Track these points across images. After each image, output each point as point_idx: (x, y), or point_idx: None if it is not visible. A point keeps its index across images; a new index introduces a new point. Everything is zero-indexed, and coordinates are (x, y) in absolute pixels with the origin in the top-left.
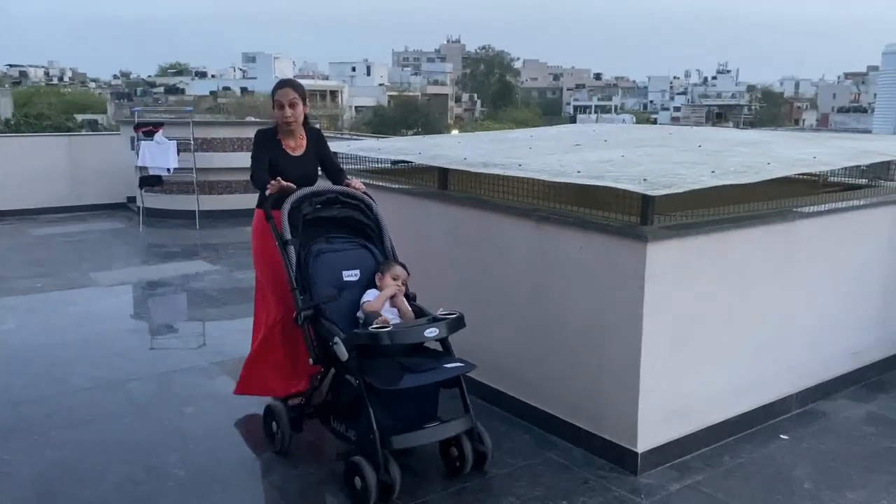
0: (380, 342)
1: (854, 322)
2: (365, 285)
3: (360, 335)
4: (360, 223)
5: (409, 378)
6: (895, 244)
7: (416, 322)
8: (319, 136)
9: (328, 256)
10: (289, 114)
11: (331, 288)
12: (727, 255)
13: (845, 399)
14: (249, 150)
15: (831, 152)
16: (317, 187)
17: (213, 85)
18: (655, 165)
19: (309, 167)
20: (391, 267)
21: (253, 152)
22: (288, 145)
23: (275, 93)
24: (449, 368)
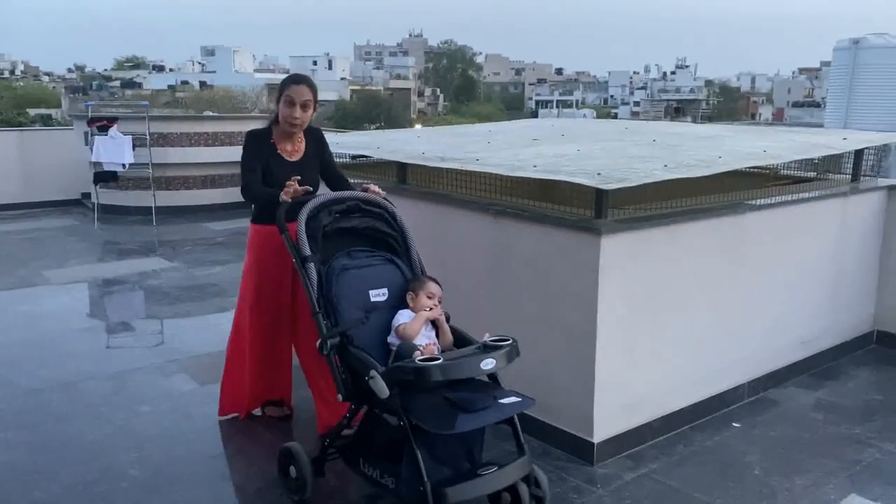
0: (429, 378)
1: (804, 312)
2: (394, 306)
3: (405, 368)
4: (383, 234)
5: (464, 420)
6: (843, 235)
7: (465, 351)
8: (320, 138)
9: (352, 274)
10: (297, 115)
11: (357, 310)
12: (680, 248)
13: (795, 387)
14: (207, 145)
15: (781, 146)
16: (336, 194)
17: (172, 79)
18: (610, 160)
19: (307, 174)
20: (425, 284)
21: (243, 159)
22: (284, 149)
23: (286, 87)
24: (507, 405)
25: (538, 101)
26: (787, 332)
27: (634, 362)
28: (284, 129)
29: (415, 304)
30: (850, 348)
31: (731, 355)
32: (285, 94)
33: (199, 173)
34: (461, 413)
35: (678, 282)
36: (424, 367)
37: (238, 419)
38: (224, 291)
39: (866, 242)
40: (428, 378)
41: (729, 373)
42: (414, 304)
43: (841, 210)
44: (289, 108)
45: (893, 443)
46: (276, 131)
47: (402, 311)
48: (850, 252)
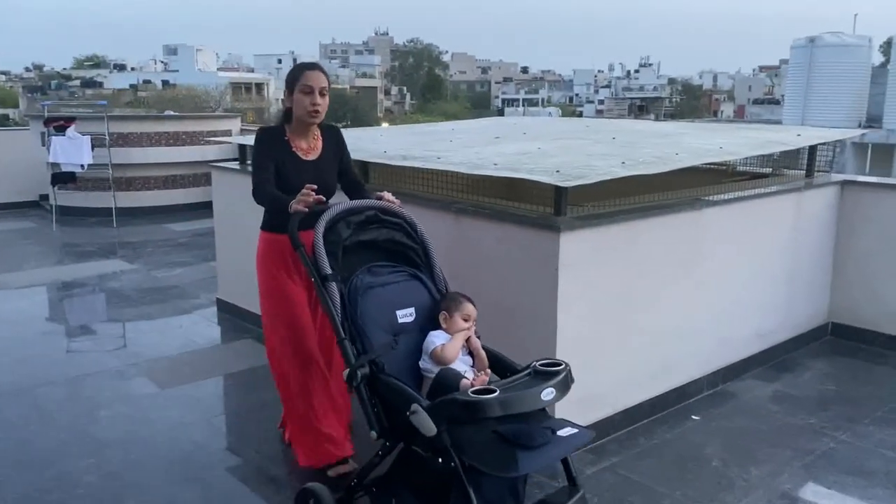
0: (486, 414)
1: (760, 305)
2: (422, 327)
3: (457, 402)
4: (403, 247)
5: (526, 459)
6: (798, 230)
7: (519, 380)
8: (339, 137)
9: (377, 293)
10: (318, 102)
11: (385, 333)
12: (638, 243)
13: (753, 379)
14: (168, 144)
15: (737, 142)
16: (353, 203)
17: (133, 78)
18: (569, 157)
19: (327, 175)
20: (461, 304)
21: (254, 157)
22: (299, 146)
23: (299, 76)
24: (567, 439)
25: (504, 99)
26: (745, 325)
27: (595, 357)
28: (303, 120)
29: (449, 326)
30: (805, 340)
31: (689, 349)
32: (300, 83)
33: (161, 174)
34: (519, 451)
35: (637, 277)
36: (481, 401)
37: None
38: (186, 293)
39: (820, 236)
40: (484, 414)
41: (688, 366)
42: (448, 325)
43: (796, 205)
44: (308, 95)
45: (847, 432)
46: (290, 129)
47: (435, 333)
48: (805, 246)
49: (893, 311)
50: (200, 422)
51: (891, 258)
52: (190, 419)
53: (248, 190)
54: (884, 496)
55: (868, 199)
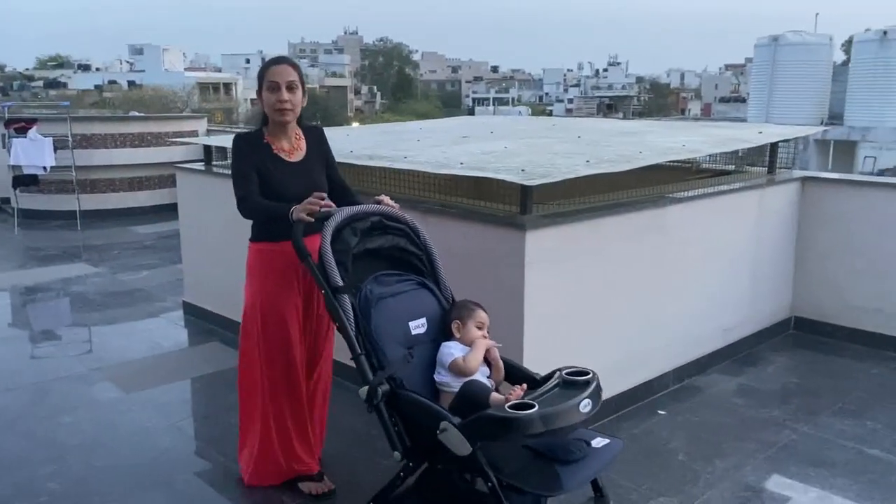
0: (527, 431)
1: (725, 300)
2: (433, 338)
3: (495, 419)
4: (408, 254)
5: (568, 475)
6: (761, 226)
7: (550, 391)
8: (321, 137)
9: (389, 304)
10: (286, 97)
11: (399, 346)
12: (603, 241)
13: (718, 373)
14: (133, 146)
15: (700, 140)
16: (357, 208)
17: (98, 78)
18: (535, 156)
19: (316, 177)
20: (474, 312)
21: (235, 168)
22: (281, 148)
23: (265, 73)
24: (602, 451)
25: (475, 98)
26: (710, 320)
27: (561, 354)
28: (275, 120)
29: (463, 336)
30: (769, 335)
31: (656, 344)
32: (266, 80)
33: (126, 175)
34: (559, 466)
35: (603, 274)
36: (522, 418)
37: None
38: (152, 296)
39: (782, 232)
40: (525, 431)
41: (655, 362)
42: (462, 334)
43: (758, 202)
44: (273, 92)
45: (808, 424)
46: (268, 131)
47: (450, 344)
48: (768, 242)
49: (854, 304)
50: (166, 426)
51: (851, 253)
52: (156, 424)
53: (213, 190)
54: (843, 485)
55: (828, 196)
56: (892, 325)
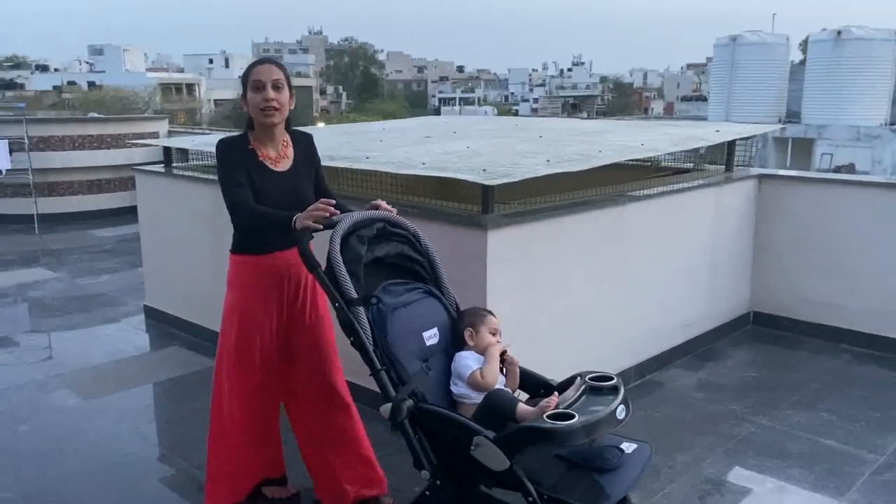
0: (571, 441)
1: (685, 297)
2: (445, 348)
3: (538, 431)
4: (411, 261)
5: (611, 484)
6: (719, 223)
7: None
8: (310, 144)
9: (401, 314)
10: (271, 96)
11: (415, 359)
12: (564, 240)
13: (678, 369)
14: (92, 148)
15: (658, 139)
16: (361, 215)
17: (57, 79)
18: (496, 156)
19: (304, 187)
20: (485, 318)
21: (223, 173)
22: (266, 155)
23: (249, 73)
24: (635, 455)
25: (441, 98)
26: (670, 316)
27: (524, 351)
28: (261, 122)
29: (477, 343)
30: (728, 329)
31: (617, 341)
32: (250, 80)
33: (85, 178)
34: (597, 476)
35: (564, 272)
36: (565, 429)
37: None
38: (113, 301)
39: (740, 229)
40: (568, 442)
41: (617, 358)
42: (476, 342)
43: (716, 199)
44: (258, 91)
45: (766, 416)
46: (253, 136)
47: (465, 354)
48: (726, 238)
49: (810, 299)
50: (128, 432)
51: (807, 248)
52: (116, 430)
53: (173, 193)
54: (799, 476)
55: (784, 192)
56: (847, 319)
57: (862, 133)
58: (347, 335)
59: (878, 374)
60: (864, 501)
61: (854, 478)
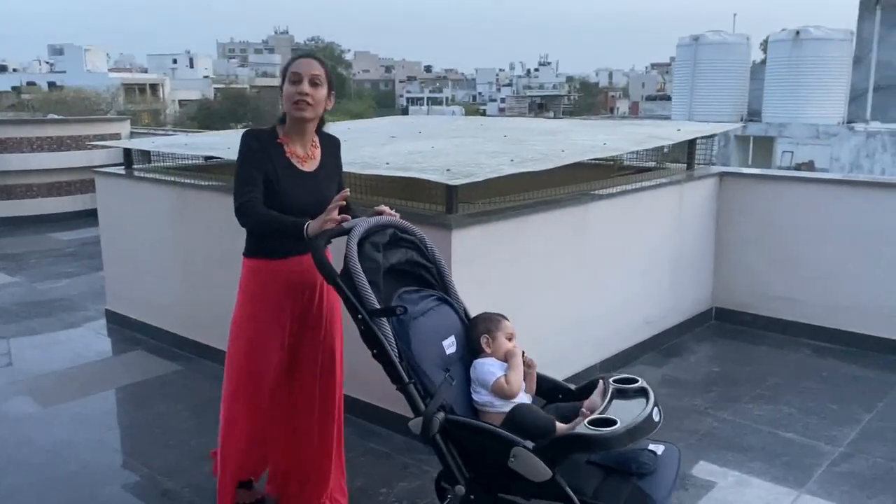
0: (616, 447)
1: (648, 294)
2: (462, 356)
3: (581, 439)
4: (419, 267)
5: (654, 489)
6: (681, 220)
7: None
8: (337, 148)
9: (421, 323)
10: (307, 90)
11: (438, 370)
12: (529, 238)
13: (643, 364)
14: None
15: (620, 138)
16: (373, 220)
17: (16, 80)
18: (460, 156)
19: (327, 192)
20: (499, 322)
21: (240, 168)
22: (293, 152)
23: (290, 64)
24: (668, 457)
25: (409, 98)
26: (634, 313)
27: None
28: (292, 114)
29: (494, 350)
30: (691, 325)
31: (583, 338)
32: (289, 72)
33: (44, 180)
34: (637, 481)
35: (529, 271)
36: (610, 436)
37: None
38: (73, 305)
39: (702, 226)
40: (613, 448)
41: (582, 355)
42: (493, 349)
43: (677, 197)
44: (294, 84)
45: (728, 411)
46: (283, 130)
47: (486, 361)
48: (688, 236)
49: (771, 294)
50: (88, 439)
51: (767, 245)
52: (76, 437)
53: (135, 195)
54: (760, 469)
55: (744, 189)
56: (806, 314)
57: (820, 131)
58: (371, 347)
59: (836, 368)
60: (822, 492)
61: (812, 469)
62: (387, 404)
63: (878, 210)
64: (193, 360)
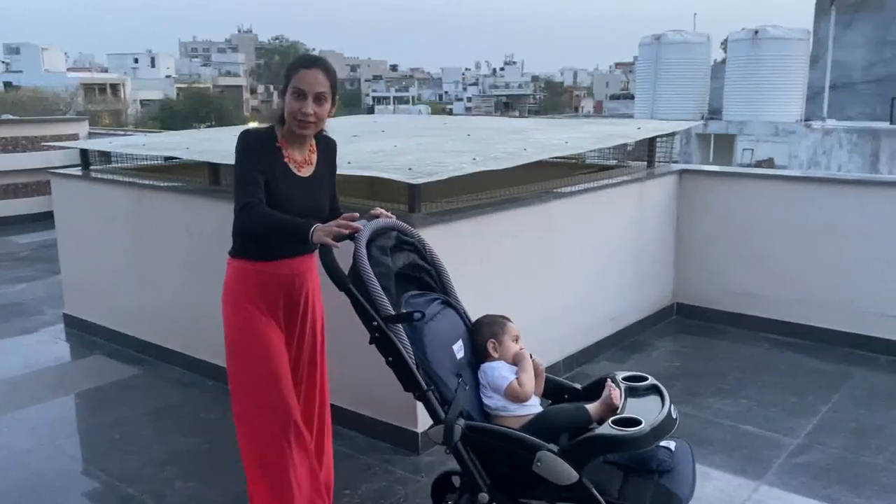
0: (642, 447)
1: (611, 290)
2: (469, 360)
3: (608, 440)
4: (420, 270)
5: (677, 485)
6: (642, 218)
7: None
8: (334, 152)
9: (432, 328)
10: (310, 111)
11: (452, 375)
12: (492, 236)
13: (606, 361)
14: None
15: (582, 137)
16: (377, 223)
17: None
18: (423, 154)
19: (322, 197)
20: (504, 325)
21: (240, 168)
22: (292, 158)
23: (293, 74)
24: (682, 451)
25: (375, 97)
26: (597, 310)
27: None
28: (293, 130)
29: (502, 353)
30: (653, 321)
31: (546, 336)
32: (292, 84)
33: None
34: (658, 478)
35: (492, 269)
36: (636, 434)
37: None
38: (30, 310)
39: (663, 223)
40: (640, 447)
41: (546, 352)
42: (500, 352)
43: (638, 194)
44: (298, 100)
45: (689, 405)
46: (282, 132)
47: (495, 365)
48: (649, 233)
49: (730, 289)
50: (45, 446)
51: (726, 240)
52: (31, 445)
53: (92, 197)
54: (720, 462)
55: (703, 187)
56: (766, 308)
57: (779, 129)
58: (386, 355)
59: (794, 360)
60: (780, 483)
61: (771, 461)
62: (349, 405)
63: (833, 206)
64: (153, 364)
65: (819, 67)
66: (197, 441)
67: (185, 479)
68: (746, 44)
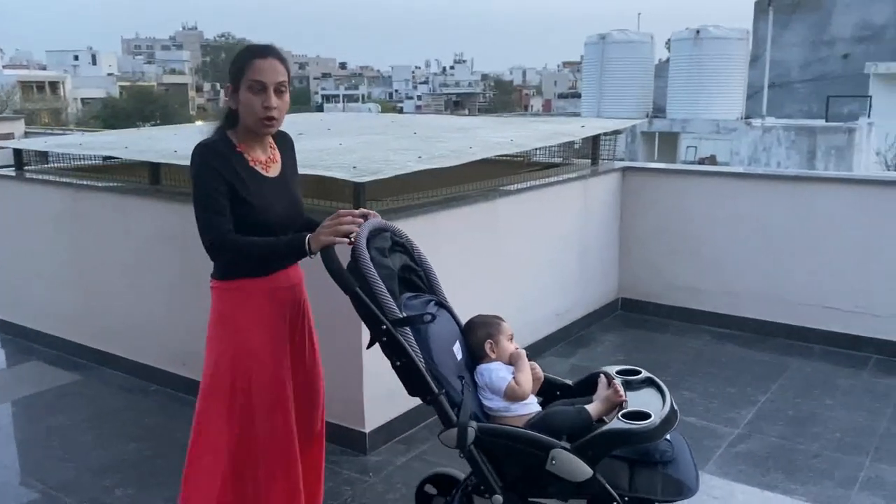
0: (653, 440)
1: (557, 287)
2: (465, 361)
3: (619, 435)
4: (410, 271)
5: (684, 475)
6: (586, 214)
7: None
8: (292, 147)
9: (433, 330)
10: (274, 104)
11: (456, 377)
12: (439, 235)
13: (553, 356)
14: None
15: (527, 135)
16: (373, 223)
17: None
18: (369, 153)
19: (294, 194)
20: (498, 325)
21: (202, 193)
22: (257, 160)
23: (247, 66)
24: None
25: (324, 95)
26: (543, 306)
27: None
28: (256, 130)
29: (499, 353)
30: (598, 316)
31: None
32: (246, 76)
33: None
34: (664, 469)
35: (439, 267)
36: (647, 427)
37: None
38: None
39: (607, 219)
40: (651, 440)
41: None
42: (497, 352)
43: (583, 191)
44: (259, 95)
45: None
46: (238, 137)
47: (491, 367)
48: (594, 229)
49: (673, 284)
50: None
51: (668, 236)
52: None
53: (27, 198)
54: None
55: (646, 184)
56: (707, 302)
57: (721, 126)
58: (394, 359)
59: (734, 352)
60: (720, 472)
61: (711, 451)
62: None
63: (771, 201)
64: (93, 370)
65: (758, 66)
66: (139, 447)
67: (126, 486)
68: (689, 43)
